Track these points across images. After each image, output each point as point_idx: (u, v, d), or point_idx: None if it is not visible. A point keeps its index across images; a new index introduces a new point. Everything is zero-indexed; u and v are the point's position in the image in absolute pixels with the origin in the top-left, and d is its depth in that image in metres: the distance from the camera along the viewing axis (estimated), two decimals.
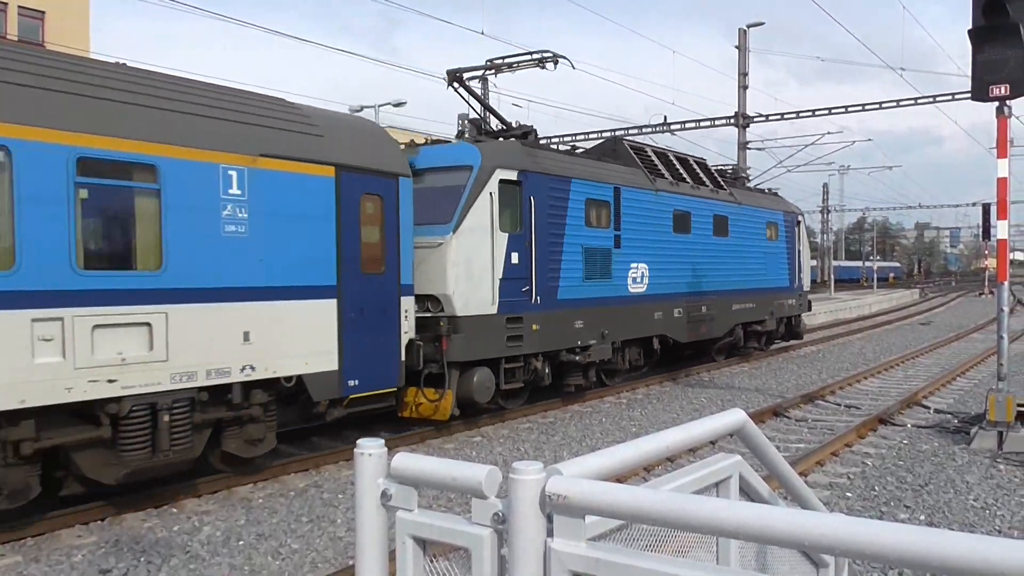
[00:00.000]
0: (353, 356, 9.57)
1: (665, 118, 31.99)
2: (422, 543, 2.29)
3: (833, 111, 29.74)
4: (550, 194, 12.91)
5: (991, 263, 58.51)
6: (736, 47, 30.12)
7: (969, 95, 10.24)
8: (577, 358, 13.44)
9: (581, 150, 16.70)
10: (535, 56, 14.11)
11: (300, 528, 7.54)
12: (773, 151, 33.79)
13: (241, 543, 7.14)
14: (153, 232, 7.66)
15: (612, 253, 14.43)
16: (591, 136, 33.45)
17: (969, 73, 10.06)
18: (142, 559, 6.76)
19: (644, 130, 32.49)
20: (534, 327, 12.49)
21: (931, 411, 13.12)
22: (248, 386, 8.49)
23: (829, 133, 34.31)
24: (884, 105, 29.02)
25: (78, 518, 7.61)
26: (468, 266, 11.40)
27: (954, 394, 14.92)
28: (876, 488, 8.69)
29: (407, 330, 10.47)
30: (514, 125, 14.13)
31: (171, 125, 7.82)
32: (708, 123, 31.58)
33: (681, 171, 17.46)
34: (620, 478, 5.90)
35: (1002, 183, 10.58)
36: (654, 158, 16.73)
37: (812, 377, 17.40)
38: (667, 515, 1.86)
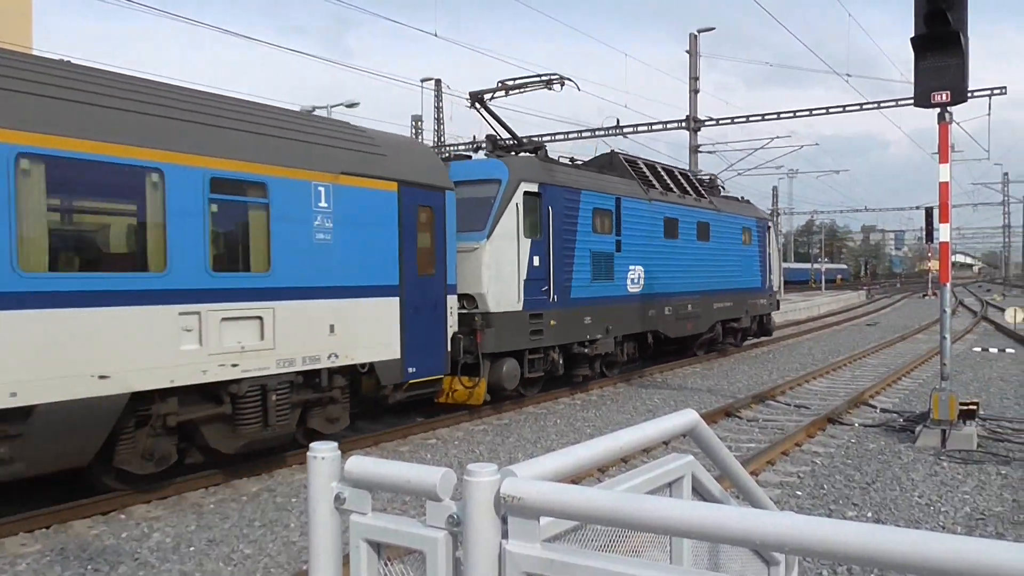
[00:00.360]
0: (412, 347, 11.06)
1: (618, 121, 32.25)
2: (376, 546, 2.28)
3: (782, 115, 30.27)
4: (564, 204, 14.57)
5: (934, 265, 59.98)
6: (687, 52, 30.46)
7: (912, 101, 10.46)
8: (586, 350, 15.20)
9: (581, 162, 17.86)
10: (543, 78, 15.44)
11: (252, 533, 7.44)
12: (724, 154, 34.26)
13: (192, 549, 7.03)
14: (263, 239, 9.07)
15: (614, 257, 16.13)
16: (544, 138, 33.57)
17: (912, 80, 10.29)
18: (89, 567, 6.62)
19: (596, 132, 32.71)
20: (552, 323, 14.12)
21: (878, 410, 13.40)
22: (332, 372, 9.91)
23: (778, 137, 34.84)
24: (831, 110, 29.63)
25: (22, 526, 7.42)
26: (499, 268, 12.98)
27: (899, 394, 15.25)
28: (825, 486, 8.85)
29: (452, 325, 11.94)
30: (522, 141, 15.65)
31: (277, 149, 9.26)
32: (660, 126, 31.91)
33: (668, 182, 19.11)
34: (575, 479, 5.91)
35: (944, 187, 10.84)
36: (645, 170, 18.42)
37: (763, 378, 17.66)
38: (620, 515, 1.87)
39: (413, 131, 41.24)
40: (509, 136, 15.94)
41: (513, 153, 15.18)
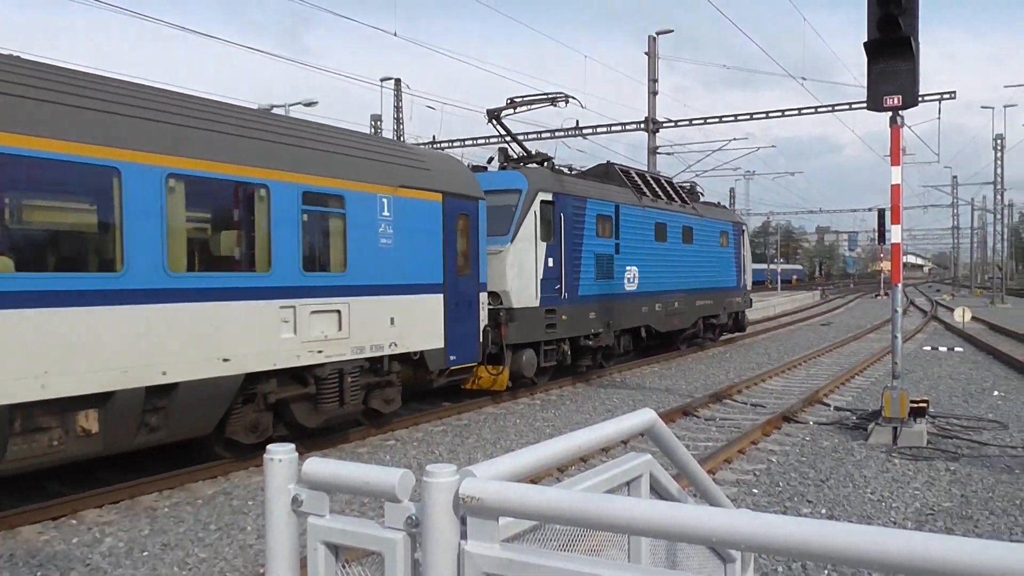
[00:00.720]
0: (453, 337, 12.50)
1: (577, 122, 32.36)
2: (334, 549, 2.26)
3: (739, 118, 30.61)
4: (573, 211, 16.22)
5: (886, 266, 61.14)
6: (646, 54, 30.67)
7: (865, 105, 10.64)
8: (590, 343, 16.86)
9: (577, 171, 19.25)
10: (550, 96, 17.27)
11: (208, 537, 7.34)
12: (682, 156, 34.59)
13: (145, 554, 6.91)
14: (341, 244, 10.53)
15: (614, 258, 17.84)
16: (506, 139, 33.59)
17: (865, 83, 10.48)
18: (39, 574, 6.47)
19: (556, 133, 32.80)
20: (563, 317, 15.78)
21: (831, 408, 13.62)
22: (391, 358, 11.37)
23: (735, 139, 35.28)
24: (787, 113, 30.06)
25: None
26: (520, 269, 14.60)
27: (853, 392, 15.52)
28: (781, 484, 8.97)
29: (483, 319, 13.36)
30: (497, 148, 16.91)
31: (353, 166, 10.75)
32: (619, 127, 32.09)
33: (657, 189, 20.85)
34: (534, 479, 5.90)
35: (895, 189, 11.05)
36: (637, 179, 20.10)
37: (720, 377, 17.86)
38: (579, 514, 1.88)
39: (372, 130, 40.99)
40: (524, 151, 17.45)
41: (523, 164, 16.66)
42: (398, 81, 43.59)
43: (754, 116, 30.39)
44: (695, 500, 3.93)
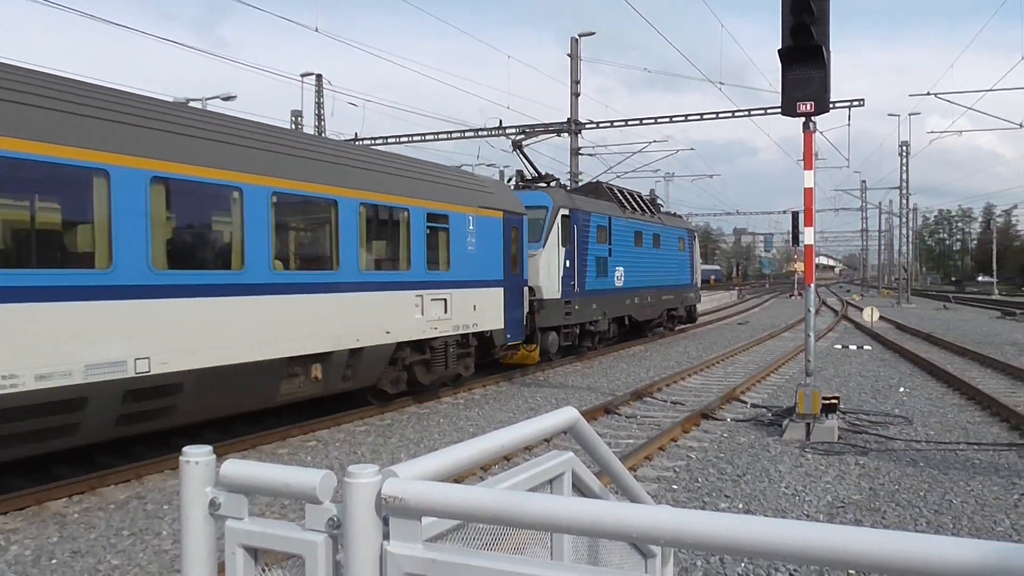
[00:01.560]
0: (509, 320, 16.39)
1: (500, 122, 32.44)
2: (253, 552, 2.22)
3: (659, 120, 31.12)
4: (582, 222, 20.51)
5: (799, 267, 62.95)
6: (568, 55, 30.93)
7: (780, 110, 10.92)
8: (592, 328, 21.31)
9: (571, 187, 24.91)
10: (553, 128, 24.65)
11: (121, 543, 7.11)
12: (603, 157, 35.00)
13: (54, 561, 6.66)
14: (447, 250, 14.32)
15: (608, 260, 22.21)
16: (428, 137, 33.43)
17: (780, 89, 10.76)
18: None
19: (480, 132, 32.80)
20: (576, 307, 20.04)
21: (748, 406, 13.96)
22: (473, 335, 15.18)
23: (655, 141, 35.84)
24: (705, 116, 30.67)
25: None
26: (548, 268, 18.72)
27: (768, 389, 15.95)
28: (699, 480, 9.16)
29: (525, 307, 17.37)
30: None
31: (453, 193, 14.68)
32: (542, 128, 32.27)
33: (634, 203, 25.52)
34: (458, 478, 5.89)
35: (808, 193, 11.38)
36: (619, 195, 24.72)
37: (641, 375, 18.12)
38: (501, 513, 1.89)
39: (293, 126, 40.29)
40: (535, 172, 21.95)
41: (543, 184, 21.10)
42: (319, 77, 42.94)
43: (673, 119, 30.95)
44: (616, 497, 3.98)
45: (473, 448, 2.42)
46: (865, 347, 24.03)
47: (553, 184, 21.23)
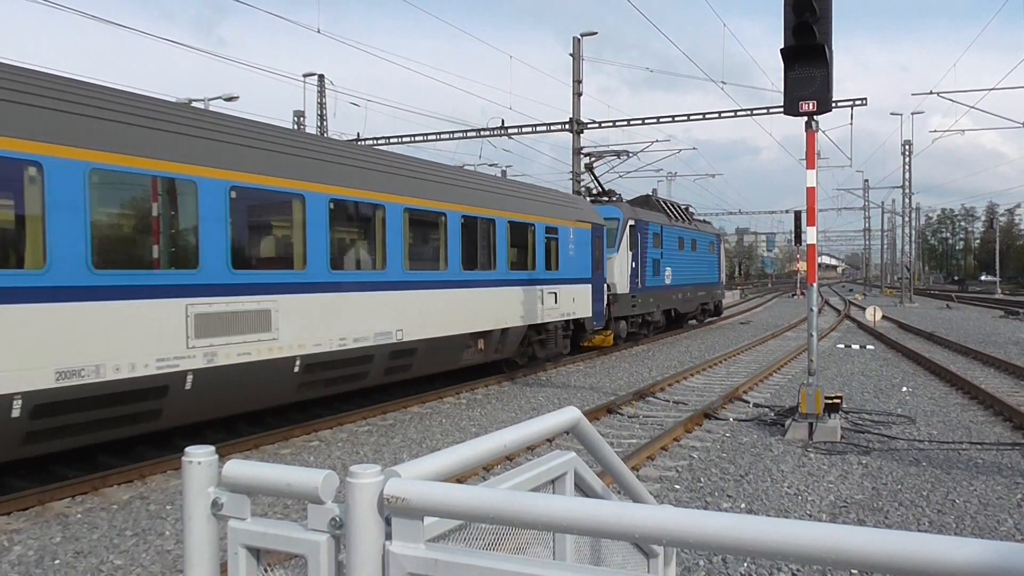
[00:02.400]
0: (595, 311, 20.48)
1: (503, 121, 32.43)
2: (256, 552, 2.22)
3: (661, 120, 31.08)
4: (643, 231, 24.83)
5: (802, 267, 62.87)
6: (570, 55, 30.90)
7: (782, 109, 10.91)
8: (648, 318, 25.96)
9: (625, 199, 27.61)
10: (617, 151, 28.12)
11: (124, 543, 7.12)
12: (605, 157, 34.89)
13: (57, 562, 6.67)
14: (556, 255, 18.37)
15: (660, 262, 26.55)
16: (430, 137, 33.43)
17: (782, 89, 10.75)
18: None
19: (482, 132, 32.80)
20: (639, 300, 24.61)
21: (751, 405, 13.95)
22: (571, 321, 19.29)
23: (657, 141, 35.78)
24: (707, 116, 30.63)
25: None
26: (620, 269, 23.28)
27: (771, 389, 15.94)
28: (702, 480, 9.15)
29: (605, 300, 21.42)
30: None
31: (561, 211, 18.91)
32: (544, 128, 32.27)
33: (677, 213, 30.07)
34: (460, 478, 5.87)
35: (811, 192, 11.37)
36: (666, 206, 29.41)
37: (643, 375, 18.12)
38: (503, 513, 1.89)
39: (295, 126, 40.32)
40: (600, 188, 26.71)
41: (607, 199, 25.75)
42: (321, 77, 42.92)
43: (675, 119, 30.91)
44: (619, 497, 3.98)
45: (475, 448, 2.43)
46: (868, 347, 24.01)
47: (615, 198, 25.97)
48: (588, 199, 24.80)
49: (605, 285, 21.34)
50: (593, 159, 26.83)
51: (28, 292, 7.64)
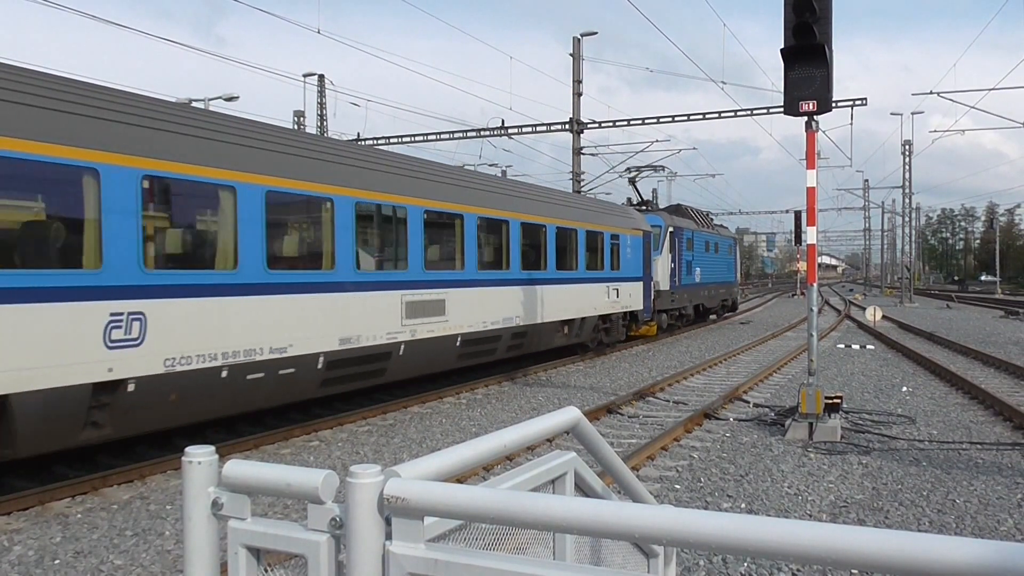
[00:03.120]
0: (644, 305, 24.26)
1: (503, 121, 32.44)
2: (256, 552, 2.22)
3: (661, 120, 31.10)
4: (679, 235, 28.27)
5: (802, 266, 62.86)
6: (571, 55, 30.91)
7: (782, 109, 10.91)
8: (683, 312, 29.52)
9: (658, 208, 32.12)
10: (655, 166, 31.68)
11: (124, 543, 7.12)
12: (605, 157, 34.95)
13: (57, 562, 6.67)
14: (618, 257, 22.19)
15: (692, 263, 30.00)
16: (430, 137, 33.43)
17: (782, 89, 10.75)
18: None
19: (482, 132, 32.80)
20: (676, 296, 28.07)
21: (751, 405, 13.95)
22: (627, 313, 23.24)
23: (657, 141, 35.84)
24: (707, 116, 30.65)
25: None
26: (663, 268, 26.76)
27: (771, 389, 15.94)
28: (702, 479, 9.15)
29: (652, 296, 25.14)
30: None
31: (621, 220, 23.02)
32: (544, 128, 32.27)
33: (701, 220, 33.61)
34: (460, 478, 5.87)
35: (811, 192, 11.37)
36: (693, 213, 32.93)
37: (643, 375, 18.12)
38: (503, 513, 1.89)
39: (296, 126, 40.32)
40: (640, 198, 30.57)
41: (646, 208, 29.24)
42: (321, 77, 42.92)
43: (675, 119, 30.93)
44: (619, 497, 3.98)
45: (475, 448, 2.43)
46: (868, 346, 24.01)
47: (653, 207, 30.74)
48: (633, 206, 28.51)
49: (652, 283, 25.17)
50: (635, 172, 30.69)
51: (325, 285, 11.42)
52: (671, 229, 27.49)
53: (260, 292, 10.36)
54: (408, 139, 33.59)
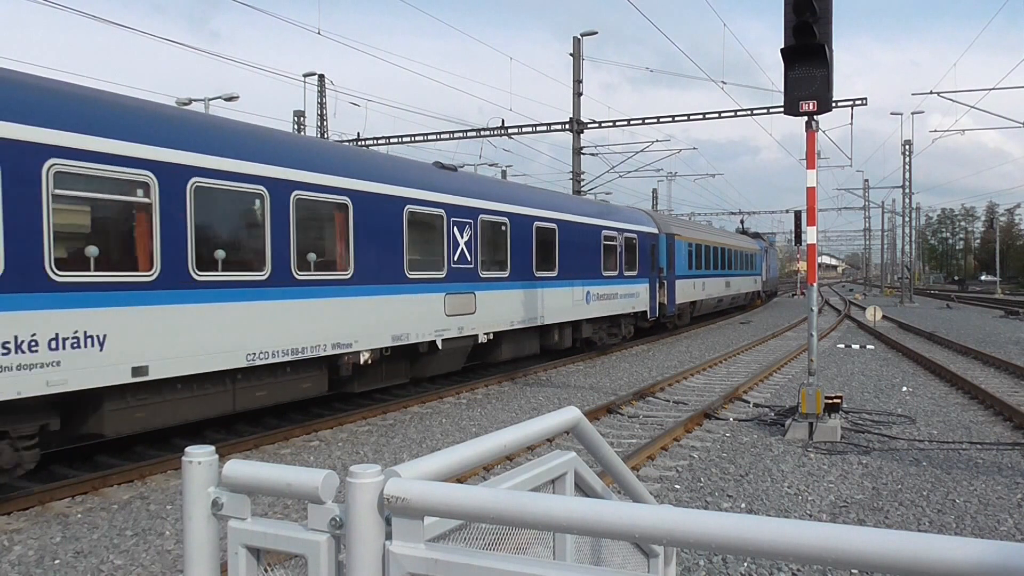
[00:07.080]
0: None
1: (503, 121, 32.43)
2: (256, 552, 2.22)
3: (661, 119, 31.07)
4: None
5: (802, 266, 62.82)
6: (571, 54, 30.90)
7: (782, 109, 10.91)
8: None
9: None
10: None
11: (124, 543, 7.12)
12: (605, 157, 34.95)
13: (57, 562, 6.67)
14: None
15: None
16: (430, 137, 33.43)
17: (782, 88, 10.74)
18: None
19: (482, 132, 32.79)
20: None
21: (751, 405, 13.95)
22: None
23: (657, 141, 35.78)
24: (708, 115, 30.63)
25: None
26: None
27: (771, 389, 15.93)
28: (702, 479, 9.15)
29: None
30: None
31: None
32: (544, 128, 32.27)
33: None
34: (460, 478, 5.87)
35: (811, 192, 11.37)
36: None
37: (643, 375, 18.11)
38: (503, 513, 1.89)
39: (296, 126, 40.31)
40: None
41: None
42: (321, 77, 42.88)
43: (675, 118, 30.91)
44: (619, 496, 3.98)
45: (475, 448, 2.43)
46: (868, 346, 24.00)
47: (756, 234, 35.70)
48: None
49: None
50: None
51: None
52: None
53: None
54: (408, 139, 33.59)
